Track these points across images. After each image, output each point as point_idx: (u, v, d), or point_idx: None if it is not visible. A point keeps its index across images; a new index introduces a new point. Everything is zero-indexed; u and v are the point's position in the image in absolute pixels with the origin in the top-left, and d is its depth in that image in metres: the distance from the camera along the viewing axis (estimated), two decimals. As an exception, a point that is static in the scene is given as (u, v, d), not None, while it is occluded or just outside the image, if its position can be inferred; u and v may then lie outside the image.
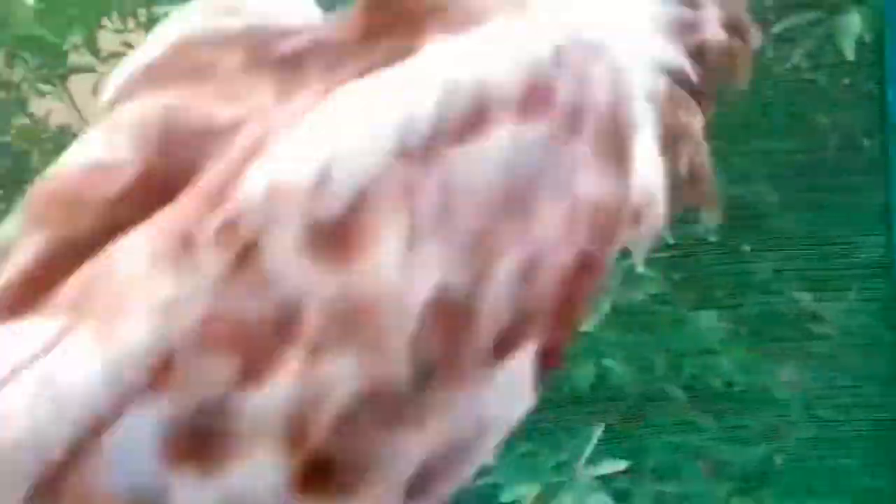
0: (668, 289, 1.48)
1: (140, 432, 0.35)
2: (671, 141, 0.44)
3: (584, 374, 1.42)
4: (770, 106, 1.50)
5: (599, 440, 1.33)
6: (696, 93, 0.44)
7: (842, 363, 1.47)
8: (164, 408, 0.35)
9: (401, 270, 0.36)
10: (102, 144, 0.41)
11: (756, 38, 0.49)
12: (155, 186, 0.39)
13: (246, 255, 0.36)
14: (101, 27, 1.58)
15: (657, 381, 1.46)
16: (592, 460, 1.31)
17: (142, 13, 1.57)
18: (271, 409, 0.35)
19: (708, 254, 1.50)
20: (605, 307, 1.34)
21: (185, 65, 0.42)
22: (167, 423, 0.35)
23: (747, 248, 1.50)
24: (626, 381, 1.45)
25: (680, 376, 1.46)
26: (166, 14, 0.48)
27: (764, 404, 1.47)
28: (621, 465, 1.31)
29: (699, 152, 0.45)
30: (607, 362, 1.44)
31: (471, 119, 0.37)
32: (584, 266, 0.39)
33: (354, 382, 0.36)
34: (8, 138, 1.61)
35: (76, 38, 1.55)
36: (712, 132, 0.45)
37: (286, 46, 0.42)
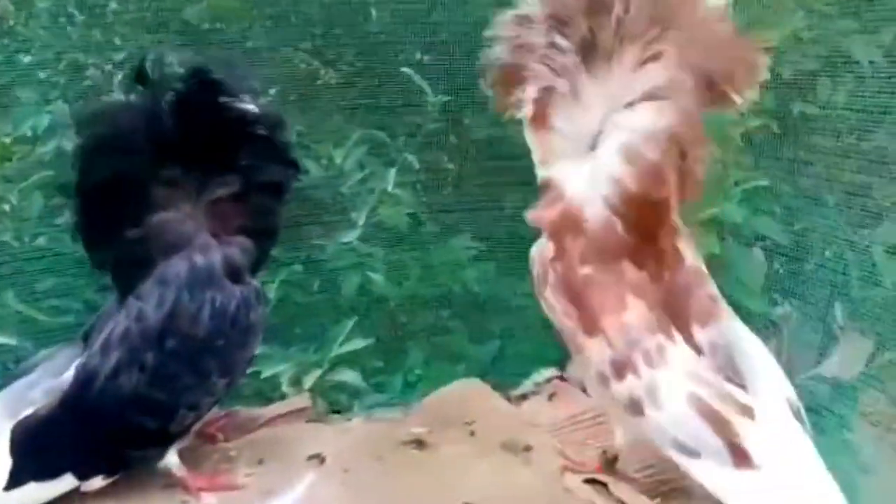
0: (424, 210, 1.55)
1: None
2: None
3: (349, 283, 1.47)
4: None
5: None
6: None
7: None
8: None
9: None
10: None
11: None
12: None
13: None
14: None
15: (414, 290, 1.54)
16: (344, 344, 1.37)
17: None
18: None
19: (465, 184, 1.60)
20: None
21: None
22: None
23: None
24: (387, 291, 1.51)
25: (434, 286, 1.55)
26: None
27: (502, 310, 1.60)
28: (363, 342, 1.38)
29: None
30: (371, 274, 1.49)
31: None
32: None
33: None
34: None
35: None
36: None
37: None
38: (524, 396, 1.39)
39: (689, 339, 0.98)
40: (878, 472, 1.49)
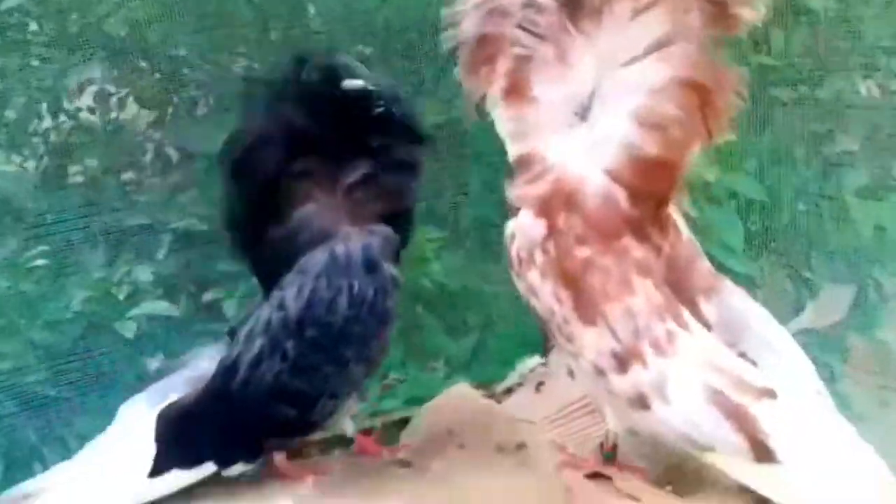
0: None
1: None
2: None
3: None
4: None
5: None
6: None
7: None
8: None
9: None
10: None
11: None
12: None
13: None
14: None
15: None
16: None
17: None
18: None
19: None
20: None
21: None
22: None
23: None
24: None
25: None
26: None
27: (476, 301, 1.49)
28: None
29: None
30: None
31: None
32: None
33: None
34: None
35: None
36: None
37: None
38: (510, 390, 1.26)
39: (697, 314, 0.87)
40: (872, 420, 1.42)
